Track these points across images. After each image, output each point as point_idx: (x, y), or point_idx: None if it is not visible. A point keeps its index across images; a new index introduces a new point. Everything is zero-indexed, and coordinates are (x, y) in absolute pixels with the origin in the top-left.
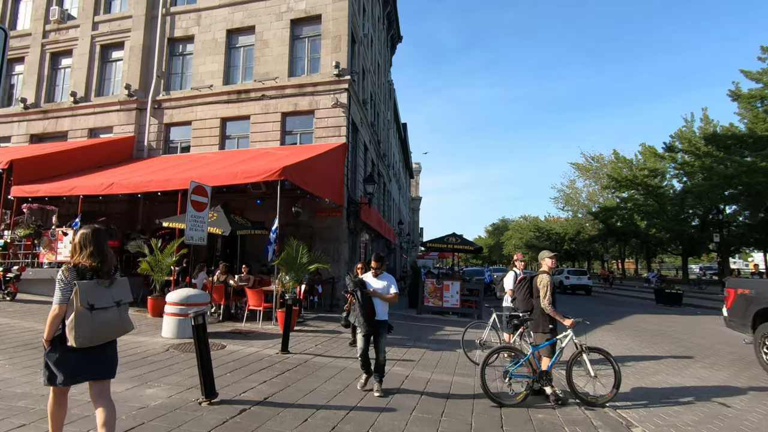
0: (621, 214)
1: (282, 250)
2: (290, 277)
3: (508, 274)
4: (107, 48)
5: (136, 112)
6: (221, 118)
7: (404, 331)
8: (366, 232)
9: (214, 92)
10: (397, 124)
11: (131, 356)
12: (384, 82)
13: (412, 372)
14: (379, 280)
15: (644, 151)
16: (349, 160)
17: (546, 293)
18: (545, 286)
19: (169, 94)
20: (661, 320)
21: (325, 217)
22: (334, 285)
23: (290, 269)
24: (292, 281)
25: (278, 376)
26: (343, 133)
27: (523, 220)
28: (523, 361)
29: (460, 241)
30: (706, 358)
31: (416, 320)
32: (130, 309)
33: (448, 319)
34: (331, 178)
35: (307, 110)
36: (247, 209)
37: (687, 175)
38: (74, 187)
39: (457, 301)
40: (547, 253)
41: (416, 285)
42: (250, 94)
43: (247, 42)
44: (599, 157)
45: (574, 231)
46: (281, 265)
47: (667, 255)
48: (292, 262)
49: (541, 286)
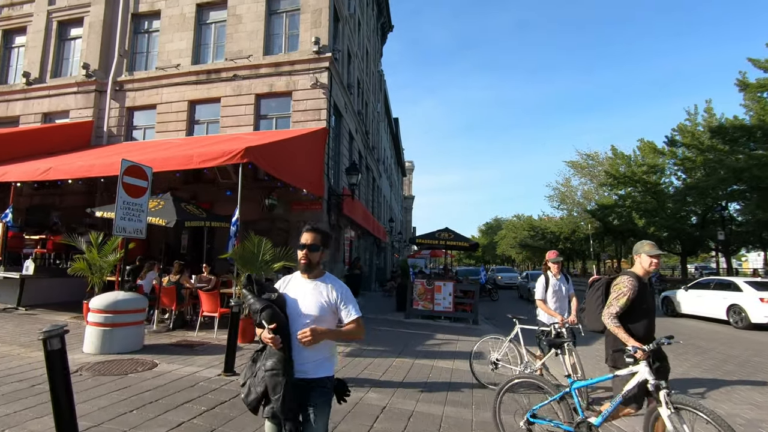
0: (619, 212)
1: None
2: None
3: (539, 279)
4: (65, 24)
5: (95, 95)
6: (189, 101)
7: (389, 339)
8: (351, 229)
9: (182, 72)
10: (389, 118)
11: (21, 381)
12: (374, 72)
13: (390, 400)
14: (315, 289)
15: (643, 146)
16: (330, 147)
17: (619, 301)
18: (621, 292)
19: (132, 74)
20: (675, 326)
21: (303, 211)
22: None
23: (249, 267)
24: None
25: (204, 414)
26: (324, 116)
27: (516, 219)
28: (556, 399)
29: (454, 236)
30: (750, 375)
31: (404, 326)
32: (68, 315)
33: (440, 325)
34: (308, 167)
35: (284, 91)
36: (217, 201)
37: (687, 171)
38: (5, 173)
39: (449, 303)
40: (648, 246)
41: (404, 286)
42: (221, 74)
43: (218, 17)
44: (595, 154)
45: (570, 230)
46: (237, 261)
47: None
48: (252, 259)
49: (615, 290)
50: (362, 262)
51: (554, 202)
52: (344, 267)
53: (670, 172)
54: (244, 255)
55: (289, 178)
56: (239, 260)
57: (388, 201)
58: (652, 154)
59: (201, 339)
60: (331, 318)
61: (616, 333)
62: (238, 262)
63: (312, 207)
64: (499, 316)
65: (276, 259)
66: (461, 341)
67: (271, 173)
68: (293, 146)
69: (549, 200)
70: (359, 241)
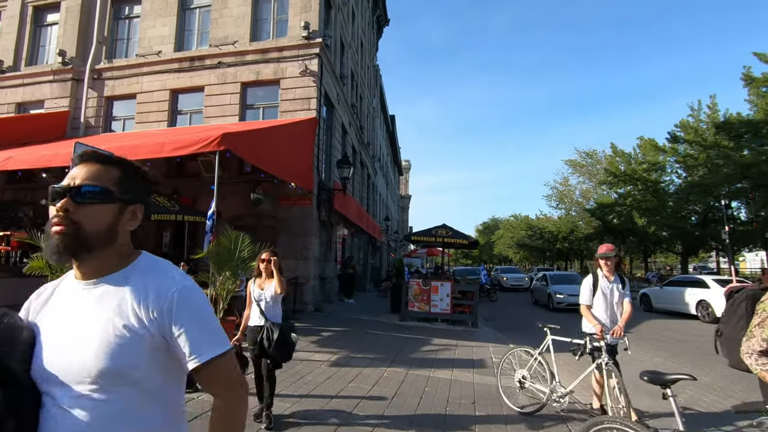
0: (619, 211)
1: None
2: (225, 276)
3: (585, 279)
4: (41, 10)
5: (72, 84)
6: (171, 89)
7: (381, 345)
8: (344, 226)
9: (164, 59)
10: (385, 115)
11: None
12: (369, 66)
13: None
14: (100, 304)
15: (643, 144)
16: (320, 139)
17: (765, 330)
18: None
19: (111, 62)
20: (685, 327)
21: (292, 206)
22: (298, 287)
23: (224, 265)
24: (230, 281)
25: None
26: (314, 106)
27: (513, 219)
28: None
29: (452, 233)
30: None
31: (398, 329)
32: None
33: (437, 328)
34: (296, 159)
35: (271, 79)
36: (201, 196)
37: (688, 169)
38: None
39: (447, 305)
40: None
41: (399, 286)
42: (204, 62)
43: (203, 2)
44: (593, 153)
45: (568, 229)
46: (210, 259)
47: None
48: (228, 258)
49: (760, 312)
50: (356, 261)
51: (552, 201)
52: (337, 266)
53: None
54: (219, 252)
55: (274, 170)
56: (213, 258)
57: (384, 199)
58: (652, 152)
59: None
60: (149, 366)
61: (764, 378)
62: (212, 260)
63: (301, 202)
64: (499, 318)
65: (255, 257)
66: (460, 347)
67: (252, 163)
68: (279, 135)
69: (547, 199)
70: (353, 240)
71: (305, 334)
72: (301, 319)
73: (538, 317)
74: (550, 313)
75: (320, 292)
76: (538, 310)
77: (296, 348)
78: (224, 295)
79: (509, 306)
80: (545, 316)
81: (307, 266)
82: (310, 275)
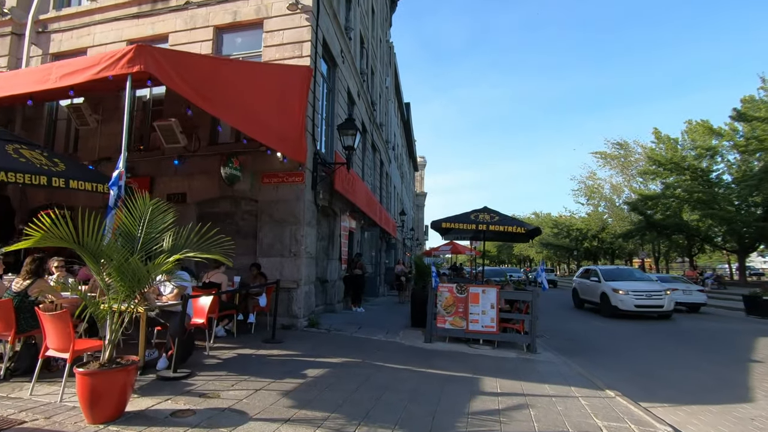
0: (665, 203)
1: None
2: (117, 280)
3: None
4: None
5: (12, 38)
6: (128, 40)
7: (402, 397)
8: (350, 216)
9: (119, 3)
10: (399, 101)
11: None
12: (381, 38)
13: None
14: None
15: (693, 128)
16: (316, 98)
17: None
18: None
19: (58, 11)
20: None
21: (278, 184)
22: (289, 293)
23: (120, 266)
24: (124, 290)
25: None
26: (307, 52)
27: (535, 217)
28: None
29: (500, 218)
30: None
31: (425, 358)
32: None
33: (480, 355)
34: (280, 115)
35: (252, 21)
36: (161, 176)
37: (751, 153)
38: None
39: (491, 320)
40: None
41: (420, 293)
42: (169, 3)
43: None
44: (625, 143)
45: (598, 227)
46: (79, 250)
47: (710, 251)
48: (125, 250)
49: None
50: (366, 260)
51: (580, 196)
52: (341, 266)
53: (721, 158)
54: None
55: (241, 121)
56: (84, 250)
57: (398, 193)
58: (705, 136)
59: (37, 403)
60: None
61: None
62: (79, 250)
63: (290, 179)
64: (544, 328)
65: (176, 249)
66: (529, 396)
67: (197, 104)
68: (249, 75)
69: (574, 195)
70: (362, 234)
71: (277, 376)
72: (284, 343)
73: (601, 329)
74: (612, 321)
75: (319, 299)
76: (589, 316)
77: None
78: (122, 300)
79: (546, 310)
80: (608, 325)
81: (298, 265)
82: (302, 277)
